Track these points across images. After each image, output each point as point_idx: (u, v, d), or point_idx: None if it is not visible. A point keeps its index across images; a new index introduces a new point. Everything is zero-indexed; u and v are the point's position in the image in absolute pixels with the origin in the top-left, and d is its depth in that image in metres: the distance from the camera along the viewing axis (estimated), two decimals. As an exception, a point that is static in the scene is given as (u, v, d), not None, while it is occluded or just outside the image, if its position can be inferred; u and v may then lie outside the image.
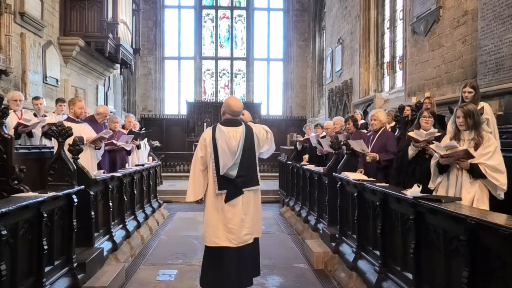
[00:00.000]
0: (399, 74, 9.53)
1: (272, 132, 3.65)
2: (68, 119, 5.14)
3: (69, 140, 4.09)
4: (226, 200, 3.34)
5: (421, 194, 3.00)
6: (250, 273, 3.49)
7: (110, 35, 9.82)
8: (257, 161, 3.48)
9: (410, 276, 3.12)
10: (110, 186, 4.97)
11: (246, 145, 3.38)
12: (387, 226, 3.57)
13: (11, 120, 5.33)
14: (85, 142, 5.03)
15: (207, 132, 3.47)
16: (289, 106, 17.66)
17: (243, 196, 3.37)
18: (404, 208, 3.20)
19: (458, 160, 3.23)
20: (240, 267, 3.38)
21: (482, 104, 4.19)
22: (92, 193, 4.36)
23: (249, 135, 3.42)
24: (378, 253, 3.73)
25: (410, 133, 4.03)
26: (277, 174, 11.02)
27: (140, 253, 5.41)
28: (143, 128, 10.16)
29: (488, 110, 4.22)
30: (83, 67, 10.50)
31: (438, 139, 3.79)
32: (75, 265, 3.65)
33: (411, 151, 4.05)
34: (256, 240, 3.53)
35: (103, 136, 5.26)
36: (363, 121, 7.48)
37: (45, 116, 6.20)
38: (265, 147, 3.57)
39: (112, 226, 5.04)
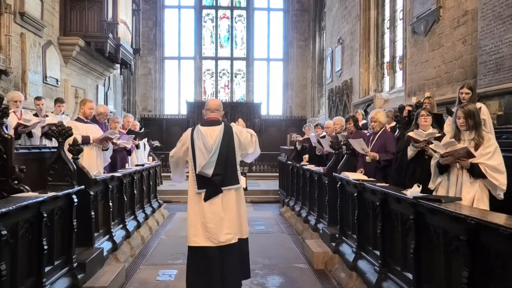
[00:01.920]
0: (399, 74, 9.53)
1: (256, 136, 3.62)
2: (78, 119, 5.30)
3: (69, 140, 4.09)
4: (206, 199, 3.32)
5: (421, 194, 3.00)
6: (237, 275, 3.42)
7: (110, 35, 9.82)
8: (237, 160, 3.43)
9: (410, 276, 3.12)
10: (110, 186, 4.97)
11: (224, 143, 3.34)
12: (387, 226, 3.57)
13: (11, 121, 5.33)
14: (91, 141, 5.07)
15: (187, 132, 3.52)
16: (289, 106, 17.66)
17: (223, 195, 3.34)
18: (404, 208, 3.21)
19: (459, 159, 3.23)
20: (224, 268, 3.31)
21: (479, 105, 4.20)
22: (92, 193, 4.36)
23: (227, 133, 3.39)
24: (378, 253, 3.73)
25: (410, 133, 4.03)
26: (277, 174, 11.02)
27: (140, 253, 5.41)
28: (143, 128, 10.15)
29: (485, 111, 4.23)
30: (83, 67, 10.50)
31: (438, 139, 3.79)
32: (75, 265, 3.65)
33: (411, 151, 4.05)
34: (243, 241, 3.46)
35: (109, 136, 5.28)
36: (364, 121, 7.47)
37: (47, 116, 6.21)
38: (250, 149, 3.52)
39: (112, 226, 5.04)
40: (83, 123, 5.21)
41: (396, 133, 5.19)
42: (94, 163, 5.05)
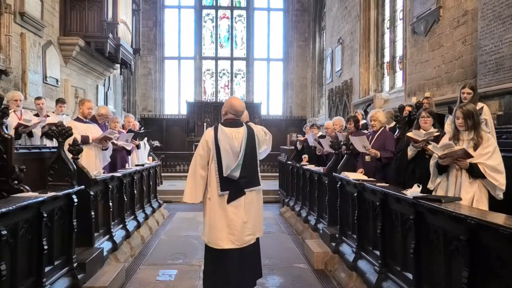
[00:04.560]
0: (399, 74, 9.53)
1: (271, 134, 3.67)
2: (77, 119, 5.35)
3: (69, 140, 4.09)
4: (229, 201, 3.30)
5: (421, 194, 3.00)
6: (252, 274, 3.47)
7: (110, 35, 9.81)
8: (258, 161, 3.50)
9: (410, 276, 3.12)
10: (110, 186, 4.97)
11: (248, 146, 3.35)
12: (387, 226, 3.57)
13: (12, 121, 5.34)
14: (90, 141, 5.08)
15: (208, 133, 3.39)
16: (289, 106, 17.65)
17: (245, 197, 3.35)
18: (404, 208, 3.21)
19: (457, 160, 3.23)
20: (242, 267, 3.36)
21: (480, 105, 4.20)
22: (92, 193, 4.36)
23: (250, 136, 3.40)
24: (378, 253, 3.73)
25: (409, 134, 4.04)
26: (277, 174, 11.02)
27: (140, 253, 5.41)
28: (143, 128, 10.15)
29: (486, 111, 4.22)
30: (83, 67, 10.49)
31: (437, 138, 3.79)
32: (75, 265, 3.65)
33: (410, 151, 4.05)
34: (257, 240, 3.52)
35: (108, 136, 5.29)
36: (364, 121, 7.47)
37: (48, 116, 6.21)
38: (263, 147, 3.57)
39: (112, 226, 5.04)
40: (82, 123, 5.24)
41: (396, 133, 5.20)
42: (92, 163, 5.06)
